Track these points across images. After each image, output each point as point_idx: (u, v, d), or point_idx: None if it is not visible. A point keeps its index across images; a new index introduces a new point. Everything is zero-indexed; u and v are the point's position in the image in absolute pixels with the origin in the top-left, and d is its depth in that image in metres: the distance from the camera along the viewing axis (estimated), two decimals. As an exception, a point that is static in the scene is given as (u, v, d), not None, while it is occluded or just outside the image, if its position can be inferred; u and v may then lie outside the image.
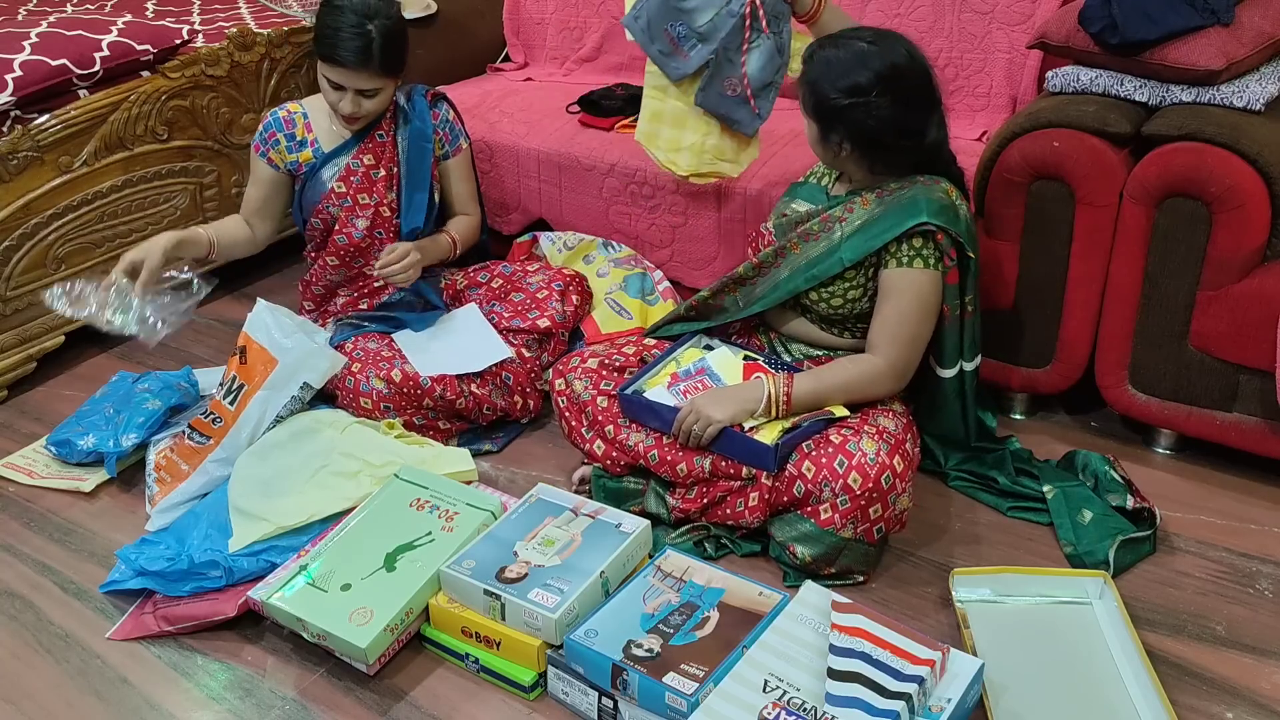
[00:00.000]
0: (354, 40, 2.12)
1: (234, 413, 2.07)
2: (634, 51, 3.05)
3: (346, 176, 2.30)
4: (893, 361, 1.85)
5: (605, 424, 1.95)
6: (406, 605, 1.68)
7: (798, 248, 1.93)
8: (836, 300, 1.92)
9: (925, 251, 1.83)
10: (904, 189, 1.85)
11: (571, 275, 2.46)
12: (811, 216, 1.94)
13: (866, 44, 1.81)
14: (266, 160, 2.32)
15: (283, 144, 2.30)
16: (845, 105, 1.79)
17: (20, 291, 2.47)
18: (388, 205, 2.33)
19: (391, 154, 2.33)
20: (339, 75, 2.16)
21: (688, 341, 2.07)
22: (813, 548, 1.77)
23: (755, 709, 1.44)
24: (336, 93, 2.19)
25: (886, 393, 1.88)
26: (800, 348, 2.02)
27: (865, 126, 1.80)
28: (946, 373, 1.98)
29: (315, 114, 2.32)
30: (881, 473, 1.73)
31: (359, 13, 2.13)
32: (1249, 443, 2.02)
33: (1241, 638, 1.71)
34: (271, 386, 2.06)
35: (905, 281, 1.84)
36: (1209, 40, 1.95)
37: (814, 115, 1.86)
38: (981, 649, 1.64)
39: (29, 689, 1.70)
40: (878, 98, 1.78)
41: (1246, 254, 1.93)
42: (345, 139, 2.30)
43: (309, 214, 2.34)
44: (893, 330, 1.85)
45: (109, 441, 2.15)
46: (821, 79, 1.82)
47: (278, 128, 2.30)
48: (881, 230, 1.83)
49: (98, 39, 2.56)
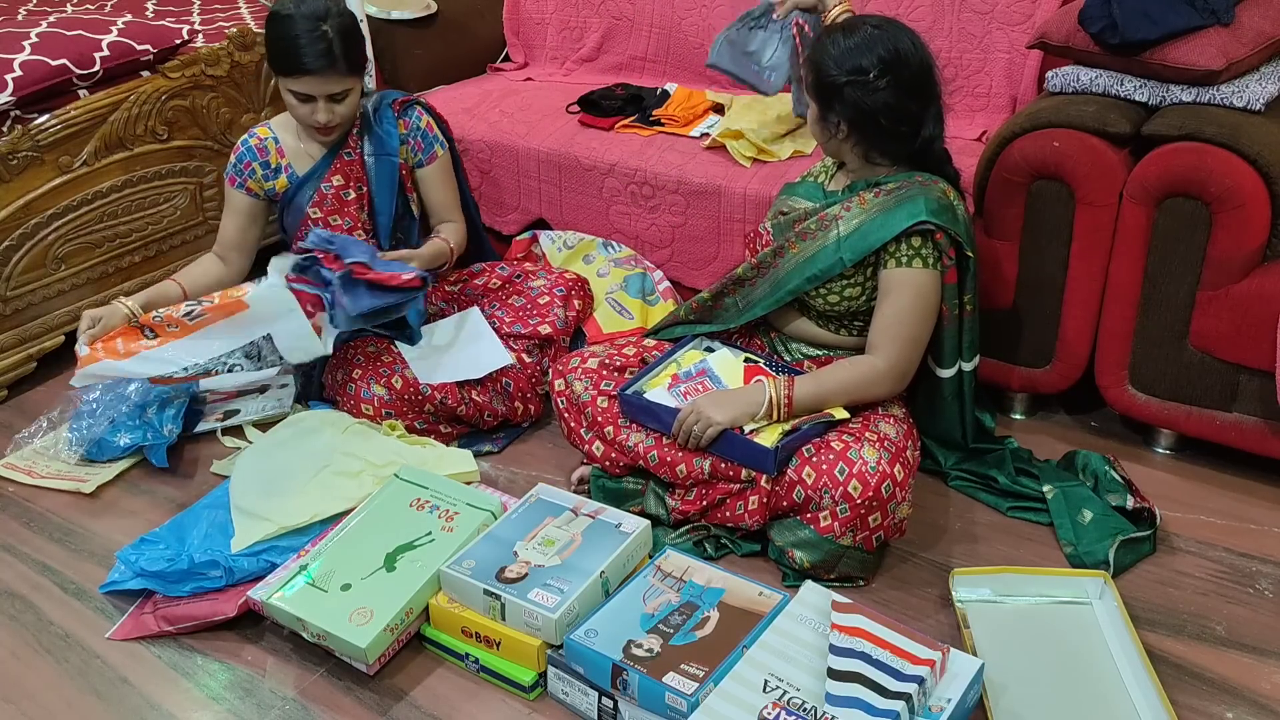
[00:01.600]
0: (314, 45, 2.07)
1: (183, 329, 2.05)
2: (634, 51, 3.05)
3: (319, 201, 2.27)
4: (892, 362, 1.85)
5: (605, 425, 1.95)
6: (406, 605, 1.68)
7: (796, 247, 1.93)
8: (834, 298, 1.92)
9: (924, 251, 1.83)
10: (902, 188, 1.85)
11: (573, 279, 2.46)
12: (810, 214, 1.94)
13: (872, 28, 1.83)
14: (245, 190, 2.27)
15: (259, 173, 2.26)
16: (845, 83, 1.80)
17: (20, 291, 2.47)
18: (361, 227, 2.30)
19: (360, 173, 2.29)
20: (306, 85, 2.11)
21: (689, 343, 2.07)
22: (812, 554, 1.77)
23: (755, 709, 1.44)
24: (306, 105, 2.14)
25: (887, 394, 1.87)
26: (801, 347, 2.02)
27: (863, 107, 1.81)
28: (945, 373, 1.98)
29: (284, 136, 2.27)
30: (882, 481, 1.72)
31: (310, 17, 2.08)
32: (1249, 443, 2.02)
33: (1241, 638, 1.71)
34: (230, 325, 2.02)
35: (904, 281, 1.84)
36: (1209, 40, 1.95)
37: (814, 92, 1.87)
38: (981, 649, 1.64)
39: (29, 689, 1.70)
40: (877, 79, 1.79)
41: (1246, 254, 1.93)
42: (315, 160, 2.27)
43: (292, 237, 2.31)
44: (892, 331, 1.85)
45: (147, 434, 2.16)
46: (825, 57, 1.84)
47: (251, 157, 2.25)
48: (880, 229, 1.83)
49: (98, 39, 2.56)
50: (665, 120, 2.71)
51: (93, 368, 2.03)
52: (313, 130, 2.20)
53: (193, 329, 2.05)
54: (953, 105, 2.60)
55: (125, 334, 2.07)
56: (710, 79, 2.94)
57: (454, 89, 3.07)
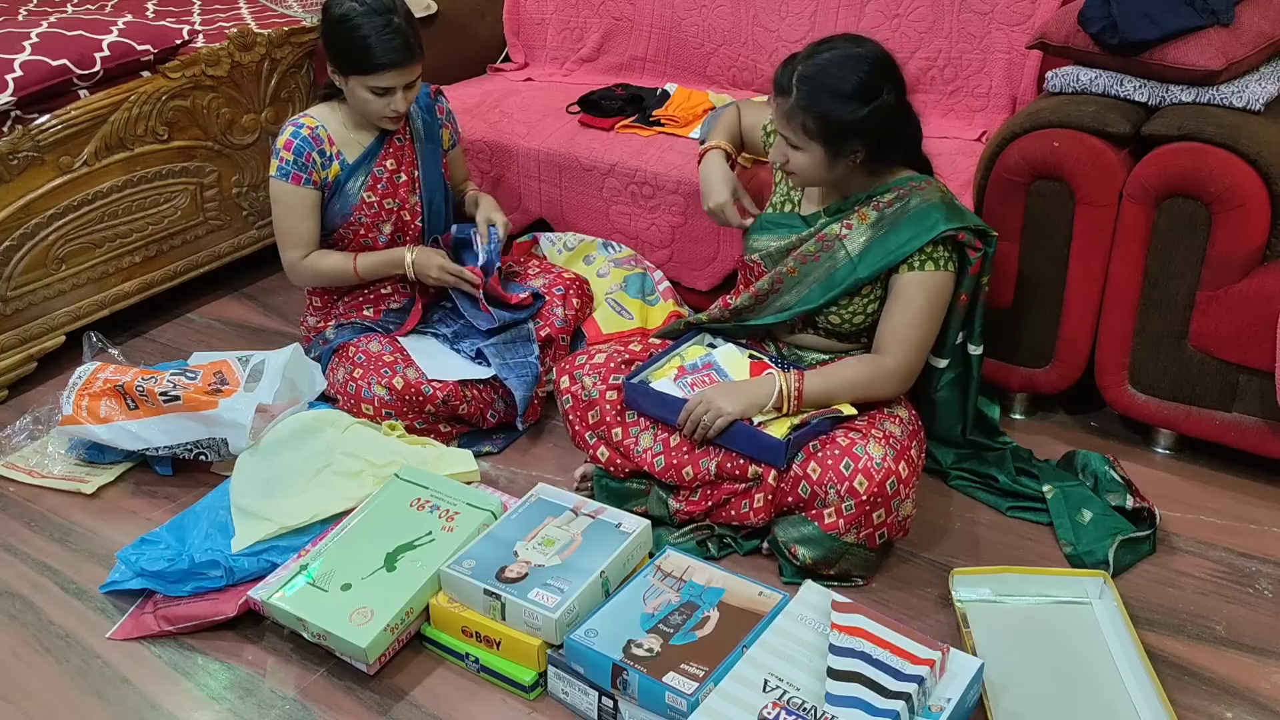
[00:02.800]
0: (391, 39, 2.10)
1: (158, 410, 2.09)
2: (634, 52, 3.05)
3: (374, 184, 2.28)
4: (900, 363, 1.85)
5: (613, 426, 1.94)
6: (407, 605, 1.68)
7: (795, 271, 1.92)
8: (859, 318, 1.91)
9: (938, 255, 1.83)
10: (901, 196, 1.84)
11: (572, 278, 2.46)
12: (804, 239, 1.92)
13: (836, 50, 1.76)
14: (311, 185, 2.24)
15: (318, 162, 2.23)
16: (866, 113, 1.74)
17: (20, 291, 2.47)
18: (409, 209, 2.33)
19: (411, 156, 2.33)
20: (388, 79, 2.13)
21: (692, 338, 2.06)
22: (814, 550, 1.78)
23: (755, 709, 1.44)
24: (384, 98, 2.16)
25: (893, 393, 1.88)
26: (809, 355, 2.01)
27: (884, 124, 1.77)
28: (941, 363, 1.98)
29: (330, 124, 2.27)
30: (887, 477, 1.73)
31: (379, 12, 2.11)
32: (1248, 443, 2.02)
33: (1241, 638, 1.71)
34: (195, 419, 2.07)
35: (918, 284, 1.84)
36: (1209, 40, 1.95)
37: (824, 137, 1.77)
38: (981, 649, 1.64)
39: (29, 689, 1.70)
40: (889, 94, 1.76)
41: (1246, 254, 1.93)
42: (365, 146, 2.28)
43: (337, 225, 2.29)
44: (902, 333, 1.85)
45: None
46: (826, 103, 1.74)
47: (309, 147, 2.21)
48: (900, 244, 1.82)
49: (98, 39, 2.56)
50: (665, 120, 2.71)
51: (73, 428, 2.14)
52: (383, 120, 2.22)
53: (165, 411, 2.09)
54: (953, 105, 2.61)
55: (112, 396, 2.13)
56: (710, 79, 2.95)
57: (454, 89, 3.07)
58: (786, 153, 1.83)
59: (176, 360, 2.38)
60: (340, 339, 2.29)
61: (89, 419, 2.12)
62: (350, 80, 2.16)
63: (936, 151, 2.44)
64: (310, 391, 2.19)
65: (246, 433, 2.02)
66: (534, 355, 2.25)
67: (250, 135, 2.86)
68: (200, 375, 2.14)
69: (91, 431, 2.12)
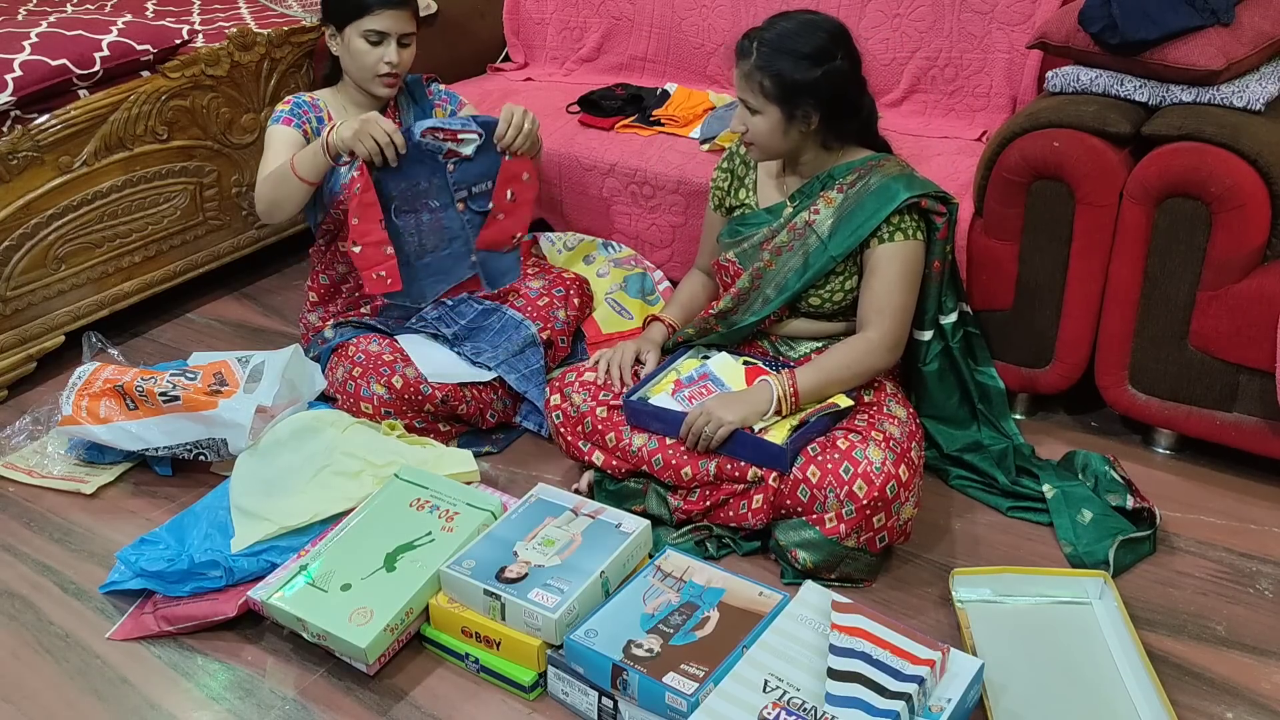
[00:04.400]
0: None
1: (157, 410, 2.09)
2: (634, 51, 3.05)
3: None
4: (884, 333, 1.88)
5: (606, 432, 1.95)
6: (406, 605, 1.68)
7: (772, 264, 1.94)
8: (838, 295, 1.93)
9: (905, 224, 1.87)
10: (862, 175, 1.89)
11: (572, 278, 2.46)
12: (776, 231, 1.95)
13: (799, 20, 1.85)
14: (301, 132, 2.26)
15: (313, 120, 2.28)
16: (819, 74, 1.81)
17: (20, 291, 2.47)
18: None
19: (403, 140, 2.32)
20: (382, 22, 2.18)
21: (685, 353, 2.07)
22: (815, 554, 1.78)
23: (755, 709, 1.44)
24: (378, 49, 2.20)
25: (885, 364, 1.90)
26: (803, 344, 2.01)
27: (835, 87, 1.83)
28: (926, 335, 2.00)
29: (331, 105, 2.32)
30: (887, 482, 1.73)
31: None
32: (1249, 443, 2.02)
33: (1241, 638, 1.71)
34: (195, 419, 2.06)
35: (891, 256, 1.87)
36: (1209, 40, 1.95)
37: (779, 97, 1.83)
38: (981, 649, 1.64)
39: (29, 689, 1.70)
40: (843, 60, 1.83)
41: (1246, 254, 1.93)
42: None
43: (329, 205, 2.30)
44: (880, 303, 1.88)
45: None
46: (780, 63, 1.82)
47: (308, 107, 2.28)
48: (865, 219, 1.86)
49: (98, 39, 2.56)
50: (665, 120, 2.71)
51: (72, 428, 2.14)
52: (376, 81, 2.24)
53: (165, 411, 2.09)
54: (953, 105, 2.61)
55: (112, 396, 2.13)
56: (710, 79, 2.95)
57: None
58: (745, 120, 1.89)
59: (176, 360, 2.38)
60: (339, 338, 2.28)
61: (88, 419, 2.12)
62: (346, 31, 2.21)
63: (937, 151, 2.45)
64: (310, 392, 2.19)
65: (246, 433, 2.02)
66: (540, 361, 2.26)
67: (250, 135, 2.86)
68: (200, 376, 2.14)
69: (91, 432, 2.12)
